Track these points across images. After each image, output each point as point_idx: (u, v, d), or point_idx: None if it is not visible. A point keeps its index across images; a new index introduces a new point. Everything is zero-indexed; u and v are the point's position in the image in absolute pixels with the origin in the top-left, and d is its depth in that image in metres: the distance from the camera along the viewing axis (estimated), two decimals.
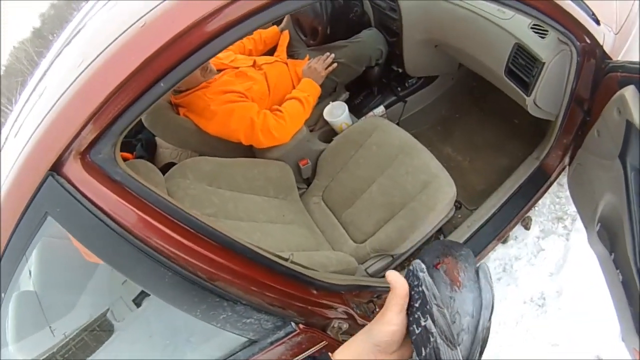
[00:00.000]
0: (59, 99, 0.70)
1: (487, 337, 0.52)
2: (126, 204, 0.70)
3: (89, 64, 0.69)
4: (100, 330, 1.17)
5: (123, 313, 1.15)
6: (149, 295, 1.00)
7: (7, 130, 1.13)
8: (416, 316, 0.49)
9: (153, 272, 0.74)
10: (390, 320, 0.48)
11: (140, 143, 1.76)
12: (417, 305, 0.49)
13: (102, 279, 1.14)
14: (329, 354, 0.50)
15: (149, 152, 1.75)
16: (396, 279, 0.50)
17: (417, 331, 0.48)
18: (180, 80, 0.68)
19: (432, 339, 0.48)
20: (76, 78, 0.69)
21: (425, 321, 0.48)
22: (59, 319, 1.03)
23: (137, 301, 1.09)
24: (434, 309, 0.48)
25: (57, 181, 0.68)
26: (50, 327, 1.00)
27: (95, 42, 0.77)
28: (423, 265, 0.51)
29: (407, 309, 0.50)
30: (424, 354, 0.48)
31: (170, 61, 0.66)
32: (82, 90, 0.68)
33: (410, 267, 0.51)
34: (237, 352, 0.95)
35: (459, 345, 0.49)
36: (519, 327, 1.61)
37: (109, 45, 0.69)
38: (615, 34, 1.29)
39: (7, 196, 0.74)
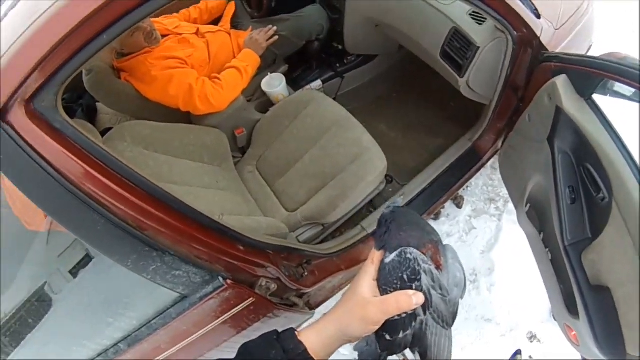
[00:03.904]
0: (9, 47, 0.72)
1: (457, 311, 0.56)
2: (64, 150, 0.73)
3: (39, 16, 0.71)
4: (38, 303, 1.15)
5: (60, 285, 1.14)
6: (85, 267, 1.01)
7: None
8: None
9: (87, 220, 0.77)
10: (373, 322, 0.50)
11: (81, 108, 1.74)
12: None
13: (39, 250, 1.12)
14: (294, 329, 0.51)
15: (90, 118, 1.73)
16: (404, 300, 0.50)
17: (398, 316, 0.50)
18: (122, 33, 0.73)
19: (414, 324, 0.51)
20: (27, 28, 0.71)
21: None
22: (2, 294, 1.05)
23: (74, 272, 1.08)
24: (435, 297, 0.52)
25: (1, 128, 0.71)
26: None
27: None
28: (426, 257, 0.52)
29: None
30: (401, 335, 0.50)
31: (114, 15, 0.71)
32: (32, 39, 0.71)
33: (409, 256, 0.52)
34: (169, 308, 0.97)
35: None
36: None
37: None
38: (556, 29, 1.35)
39: None
